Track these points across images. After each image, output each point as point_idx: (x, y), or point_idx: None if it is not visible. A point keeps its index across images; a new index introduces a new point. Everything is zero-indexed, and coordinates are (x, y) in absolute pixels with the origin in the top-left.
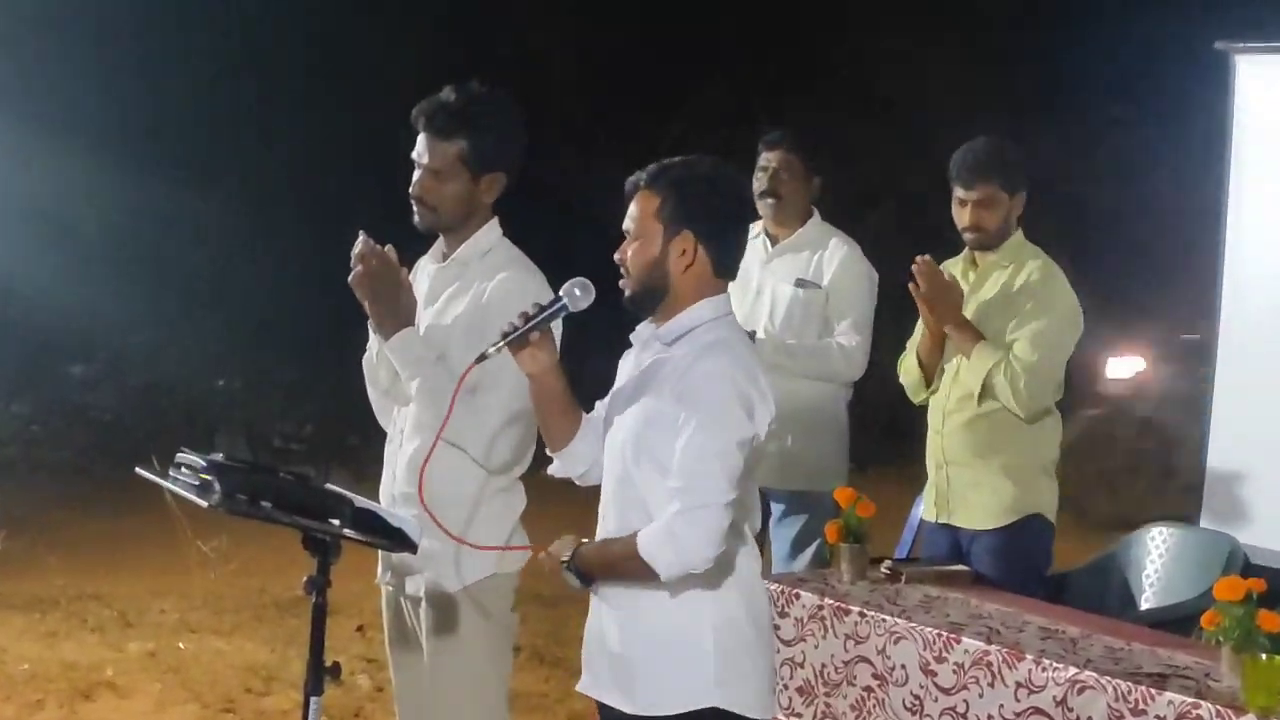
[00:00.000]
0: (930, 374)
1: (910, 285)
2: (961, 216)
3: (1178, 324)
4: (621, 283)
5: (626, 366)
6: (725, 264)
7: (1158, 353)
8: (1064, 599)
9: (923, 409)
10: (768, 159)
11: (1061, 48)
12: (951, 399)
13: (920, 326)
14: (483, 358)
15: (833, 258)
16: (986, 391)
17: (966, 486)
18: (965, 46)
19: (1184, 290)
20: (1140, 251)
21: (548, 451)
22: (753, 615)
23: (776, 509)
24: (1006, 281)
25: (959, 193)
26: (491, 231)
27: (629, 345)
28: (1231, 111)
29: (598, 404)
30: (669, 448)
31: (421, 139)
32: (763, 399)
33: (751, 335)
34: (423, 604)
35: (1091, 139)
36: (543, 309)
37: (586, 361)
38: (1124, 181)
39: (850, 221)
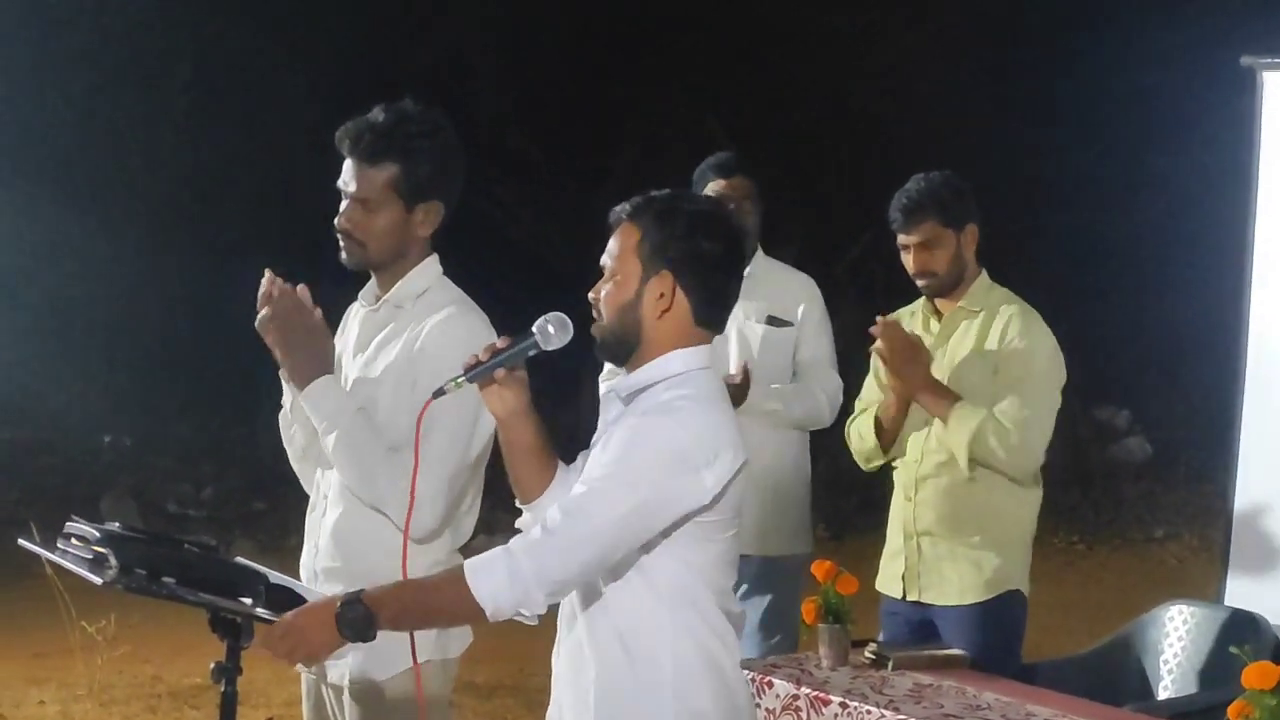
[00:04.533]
0: (889, 440)
1: (874, 348)
2: (908, 263)
3: (1198, 367)
4: (594, 327)
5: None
6: (708, 313)
7: None
8: (1067, 686)
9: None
10: (733, 185)
11: (1071, 61)
12: (926, 463)
13: (869, 384)
14: (440, 392)
15: (800, 293)
16: (975, 455)
17: (941, 559)
18: (961, 60)
19: (1204, 328)
20: (1161, 285)
21: (518, 503)
22: (727, 710)
23: (741, 585)
24: (980, 331)
25: (900, 238)
26: (429, 269)
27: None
28: (1259, 130)
29: (580, 455)
30: None
31: (348, 165)
32: (708, 466)
33: (748, 376)
34: (346, 694)
35: (1106, 161)
36: (511, 344)
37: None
38: (1140, 205)
39: (826, 255)
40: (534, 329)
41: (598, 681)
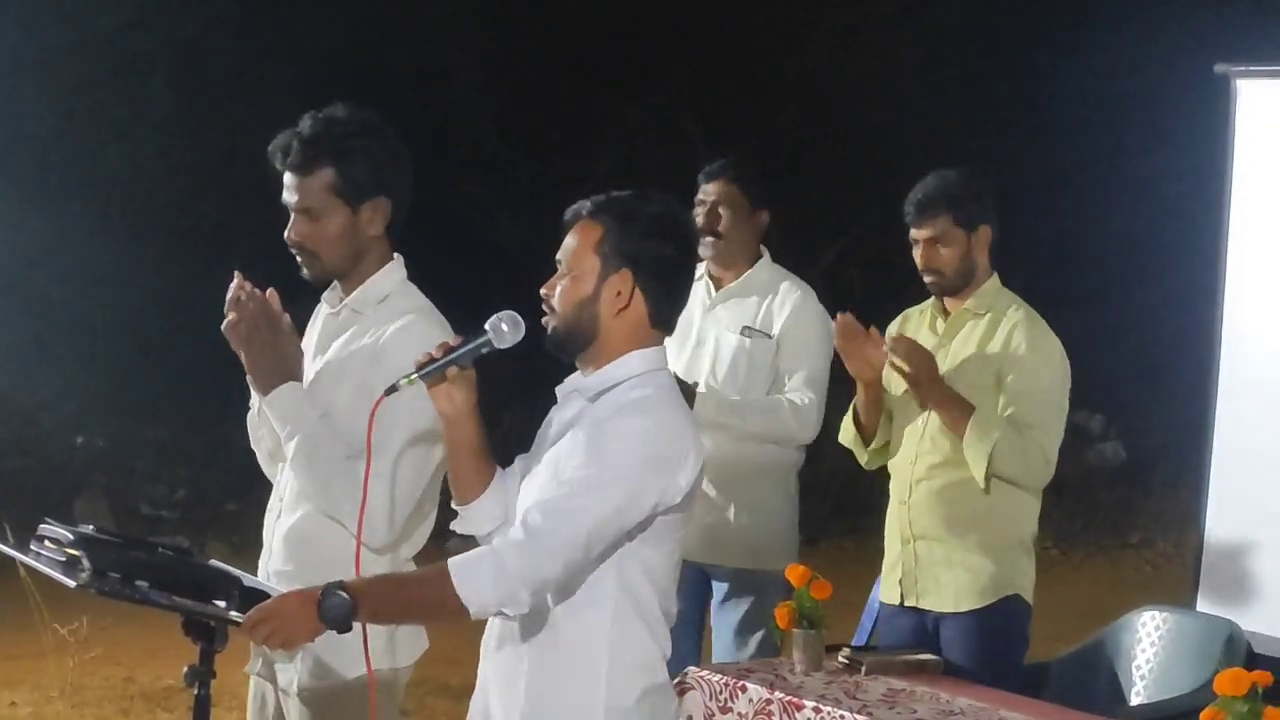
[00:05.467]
0: (869, 434)
1: (891, 363)
2: (917, 258)
3: (1173, 373)
4: (544, 320)
5: (550, 423)
6: (663, 314)
7: None
8: (1043, 692)
9: (883, 476)
10: (706, 192)
11: (1047, 69)
12: (920, 465)
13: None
14: (392, 389)
15: (784, 304)
16: (994, 470)
17: (937, 564)
18: (937, 68)
19: (1179, 334)
20: (1136, 291)
21: (453, 504)
22: (651, 710)
23: (719, 589)
24: (984, 334)
25: (912, 232)
26: (392, 274)
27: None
28: (1232, 138)
29: (517, 459)
30: None
31: (286, 179)
32: (681, 465)
33: (693, 388)
34: (294, 700)
35: (1082, 167)
36: (464, 342)
37: (504, 416)
38: (1116, 212)
39: (801, 260)
40: (487, 327)
41: (530, 673)
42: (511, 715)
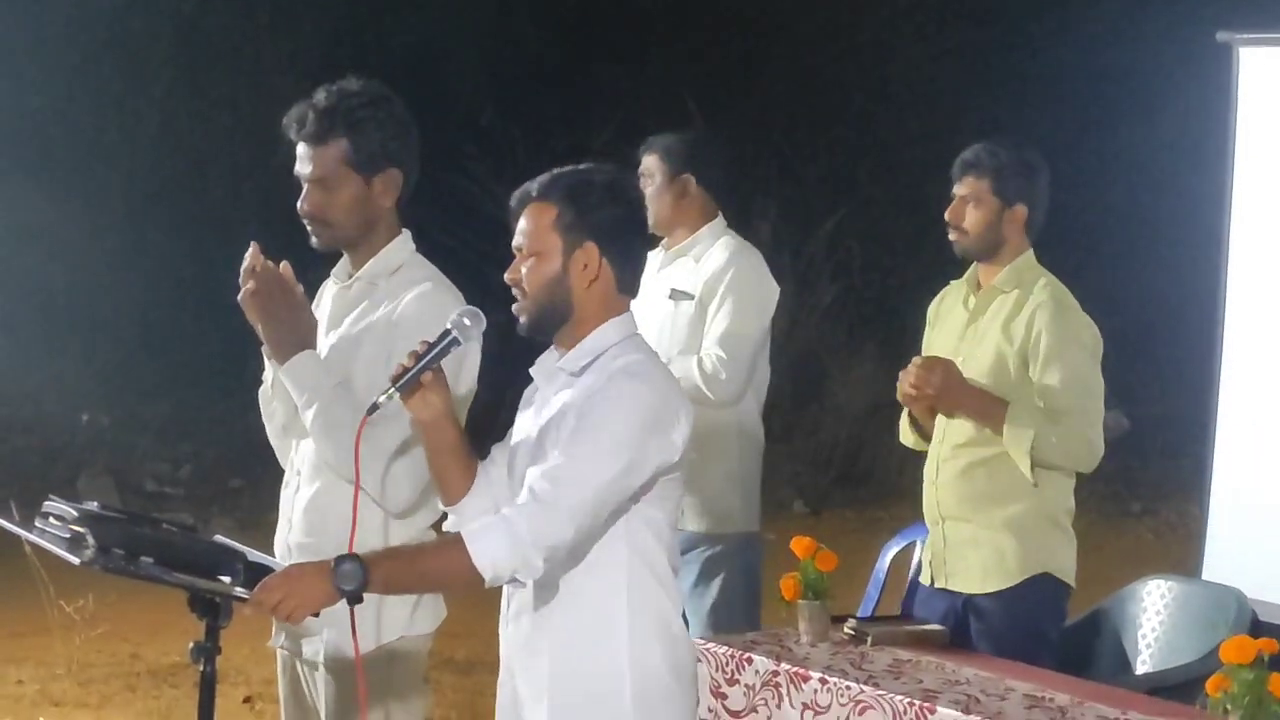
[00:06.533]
0: (929, 435)
1: (903, 395)
2: (948, 214)
3: (1174, 342)
4: (516, 306)
5: (530, 404)
6: (628, 279)
7: None
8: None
9: (884, 449)
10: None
11: (1044, 39)
12: (945, 445)
13: None
14: (374, 408)
15: (709, 263)
16: (1039, 461)
17: (964, 544)
18: (933, 40)
19: (1180, 303)
20: (1134, 261)
21: (441, 505)
22: (673, 664)
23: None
24: (1010, 312)
25: (953, 189)
26: (403, 246)
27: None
28: (1234, 107)
29: (494, 449)
30: None
31: (300, 150)
32: (675, 424)
33: None
34: (321, 671)
35: (1079, 137)
36: (431, 345)
37: (506, 393)
38: (1115, 184)
39: (800, 233)
40: (450, 325)
41: (551, 644)
42: (538, 689)
